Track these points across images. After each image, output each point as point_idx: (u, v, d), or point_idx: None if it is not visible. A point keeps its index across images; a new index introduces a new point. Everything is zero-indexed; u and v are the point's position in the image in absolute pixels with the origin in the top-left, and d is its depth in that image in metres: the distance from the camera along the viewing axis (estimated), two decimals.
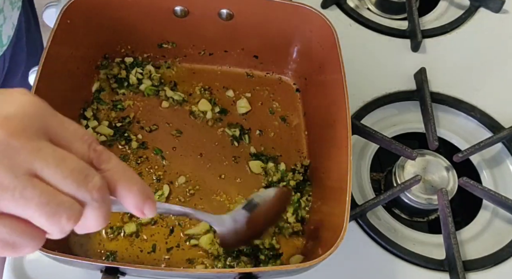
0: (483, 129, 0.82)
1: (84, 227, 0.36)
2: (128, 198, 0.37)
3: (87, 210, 0.35)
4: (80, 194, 0.34)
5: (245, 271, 0.54)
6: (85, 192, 0.34)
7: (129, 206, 0.38)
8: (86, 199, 0.34)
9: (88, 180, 0.34)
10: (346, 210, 0.57)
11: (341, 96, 0.64)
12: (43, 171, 0.33)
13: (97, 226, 0.36)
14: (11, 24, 0.76)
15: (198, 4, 0.73)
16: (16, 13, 0.77)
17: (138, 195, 0.38)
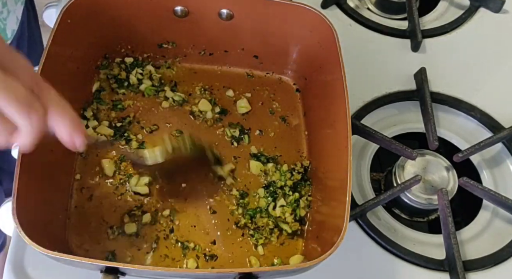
0: (483, 129, 0.82)
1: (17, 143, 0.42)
2: (61, 125, 0.44)
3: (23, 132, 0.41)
4: (21, 118, 0.40)
5: (245, 271, 0.54)
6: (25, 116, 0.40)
7: (61, 132, 0.44)
8: (25, 122, 0.40)
9: (30, 107, 0.40)
10: (346, 210, 0.57)
11: (341, 96, 0.64)
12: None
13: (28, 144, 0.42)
14: (15, 18, 0.76)
15: (198, 4, 0.73)
16: (20, 8, 0.77)
17: (69, 123, 0.44)
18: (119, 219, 0.67)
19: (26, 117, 0.40)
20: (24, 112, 0.40)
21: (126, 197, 0.69)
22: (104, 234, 0.66)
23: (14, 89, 0.39)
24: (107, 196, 0.69)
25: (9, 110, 0.39)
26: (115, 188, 0.69)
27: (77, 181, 0.69)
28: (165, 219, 0.68)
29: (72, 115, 0.44)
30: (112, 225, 0.66)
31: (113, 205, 0.68)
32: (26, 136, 0.41)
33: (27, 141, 0.42)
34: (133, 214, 0.67)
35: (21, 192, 0.54)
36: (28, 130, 0.41)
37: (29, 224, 0.53)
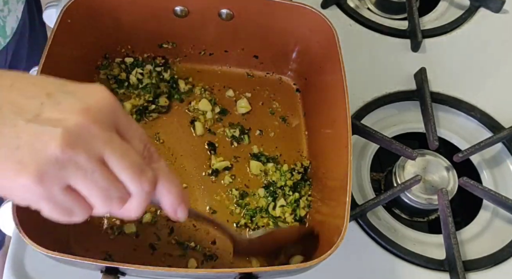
0: (483, 129, 0.82)
1: (124, 212, 0.42)
2: (167, 197, 0.43)
3: (133, 199, 0.41)
4: (134, 184, 0.40)
5: (245, 271, 0.54)
6: (138, 183, 0.40)
7: (166, 204, 0.44)
8: (137, 189, 0.40)
9: (143, 174, 0.40)
10: (347, 210, 0.57)
11: (341, 96, 0.64)
12: (109, 158, 0.38)
13: (135, 214, 0.42)
14: (15, 17, 0.76)
15: (198, 4, 0.73)
16: (20, 6, 0.78)
17: (176, 197, 0.44)
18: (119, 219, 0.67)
19: (139, 183, 0.40)
20: (137, 178, 0.40)
21: None
22: (104, 234, 0.66)
23: (130, 155, 0.39)
24: None
25: (125, 176, 0.39)
26: None
27: None
28: (165, 219, 0.68)
29: (179, 187, 0.44)
30: (112, 225, 0.66)
31: None
32: (136, 202, 0.41)
33: (137, 208, 0.41)
34: None
35: None
36: (139, 196, 0.41)
37: (29, 224, 0.53)
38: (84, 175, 0.37)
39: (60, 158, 0.36)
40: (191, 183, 0.71)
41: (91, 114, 0.38)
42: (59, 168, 0.36)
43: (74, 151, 0.36)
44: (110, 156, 0.38)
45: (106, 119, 0.39)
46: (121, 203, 0.40)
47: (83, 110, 0.38)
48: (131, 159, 0.39)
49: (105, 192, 0.39)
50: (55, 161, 0.36)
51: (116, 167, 0.39)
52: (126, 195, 0.40)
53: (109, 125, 0.39)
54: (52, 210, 0.39)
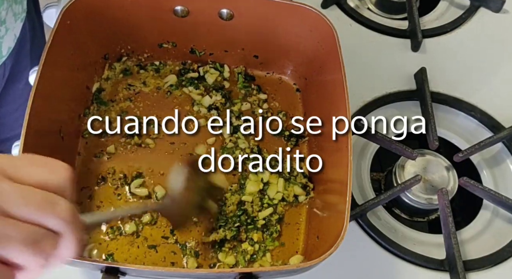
0: (483, 129, 0.82)
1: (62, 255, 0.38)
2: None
3: (64, 235, 0.36)
4: (52, 222, 0.35)
5: (246, 271, 0.54)
6: (55, 219, 0.35)
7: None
8: (58, 224, 0.36)
9: (55, 207, 0.36)
10: (347, 210, 0.56)
11: (341, 96, 0.64)
12: (11, 210, 0.34)
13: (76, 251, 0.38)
14: (12, 36, 0.75)
15: (198, 4, 0.73)
16: (19, 25, 0.76)
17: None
18: (119, 219, 0.67)
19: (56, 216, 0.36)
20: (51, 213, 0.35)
21: (126, 197, 0.69)
22: (104, 234, 0.66)
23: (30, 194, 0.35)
24: (107, 196, 0.69)
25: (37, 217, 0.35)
26: (115, 188, 0.69)
27: (77, 181, 0.69)
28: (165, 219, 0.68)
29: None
30: (112, 225, 0.66)
31: (113, 205, 0.68)
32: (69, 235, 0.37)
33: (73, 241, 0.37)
34: (133, 214, 0.67)
35: None
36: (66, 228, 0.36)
37: None
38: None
39: None
40: None
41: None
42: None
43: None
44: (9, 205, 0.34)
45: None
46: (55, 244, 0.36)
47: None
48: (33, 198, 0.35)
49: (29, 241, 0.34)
50: None
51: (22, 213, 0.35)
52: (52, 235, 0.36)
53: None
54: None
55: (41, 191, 0.36)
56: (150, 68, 0.80)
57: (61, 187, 0.37)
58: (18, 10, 0.75)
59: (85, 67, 0.74)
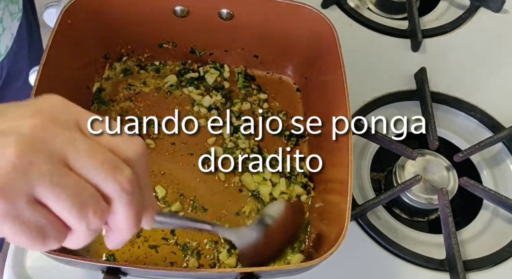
0: (483, 129, 0.82)
1: (115, 226, 0.36)
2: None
3: (115, 204, 0.35)
4: (109, 185, 0.34)
5: (246, 271, 0.54)
6: (113, 183, 0.34)
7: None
8: (114, 190, 0.34)
9: (117, 172, 0.34)
10: (347, 210, 0.57)
11: (342, 95, 0.64)
12: (75, 161, 0.33)
13: (128, 226, 0.36)
14: (9, 35, 0.75)
15: (198, 4, 0.73)
16: (15, 24, 0.77)
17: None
18: None
19: (116, 182, 0.34)
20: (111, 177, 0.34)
21: None
22: None
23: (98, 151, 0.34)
24: None
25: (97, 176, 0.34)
26: None
27: None
28: None
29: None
30: None
31: None
32: (120, 206, 0.35)
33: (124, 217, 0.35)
34: None
35: None
36: (120, 198, 0.34)
37: None
38: (50, 181, 0.32)
39: (19, 165, 0.31)
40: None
41: (46, 114, 0.34)
42: (20, 176, 0.31)
43: (33, 155, 0.32)
44: (75, 157, 0.33)
45: (63, 117, 0.34)
46: (98, 212, 0.34)
47: (35, 112, 0.33)
48: (100, 156, 0.34)
49: (76, 199, 0.33)
50: (14, 169, 0.31)
51: (82, 168, 0.33)
52: (102, 202, 0.34)
53: (68, 124, 0.34)
54: (21, 232, 0.32)
55: (110, 153, 0.35)
56: (150, 68, 0.80)
57: (131, 160, 0.36)
58: (14, 9, 0.76)
59: (86, 67, 0.74)
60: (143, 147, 0.37)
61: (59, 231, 0.34)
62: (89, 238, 0.36)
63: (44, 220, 0.33)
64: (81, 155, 0.33)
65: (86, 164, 0.33)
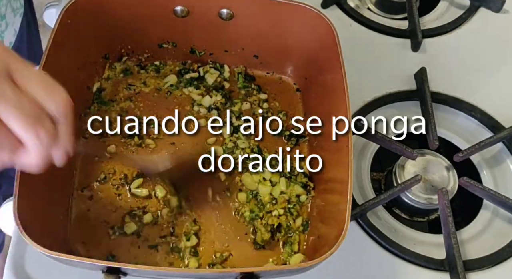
0: (483, 129, 0.83)
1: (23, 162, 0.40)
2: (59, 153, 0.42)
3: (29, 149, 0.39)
4: (27, 135, 0.38)
5: (247, 270, 0.54)
6: (32, 134, 0.38)
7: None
8: (32, 141, 0.38)
9: (38, 124, 0.38)
10: (347, 210, 0.57)
11: (342, 95, 0.64)
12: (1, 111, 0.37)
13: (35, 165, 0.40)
14: (13, 31, 0.76)
15: (198, 4, 0.73)
16: (18, 20, 0.77)
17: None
18: (120, 219, 0.67)
19: (33, 135, 0.38)
20: (31, 129, 0.37)
21: (127, 197, 0.69)
22: (105, 234, 0.66)
23: (22, 103, 0.37)
24: (108, 196, 0.69)
25: (17, 126, 0.37)
26: (116, 188, 0.69)
27: (78, 181, 0.69)
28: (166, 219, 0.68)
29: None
30: (113, 225, 0.66)
31: (114, 205, 0.68)
32: (34, 154, 0.39)
33: (34, 161, 0.40)
34: (134, 214, 0.67)
35: (22, 192, 0.54)
36: (35, 147, 0.39)
37: (30, 224, 0.53)
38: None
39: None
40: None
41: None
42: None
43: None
44: (3, 105, 0.36)
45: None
46: (12, 153, 0.38)
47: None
48: (24, 107, 0.37)
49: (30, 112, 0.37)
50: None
51: (6, 116, 0.37)
52: (17, 145, 0.38)
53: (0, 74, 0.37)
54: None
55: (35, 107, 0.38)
56: (150, 68, 0.80)
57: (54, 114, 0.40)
58: (16, 5, 0.76)
59: (86, 67, 0.74)
60: (66, 102, 0.41)
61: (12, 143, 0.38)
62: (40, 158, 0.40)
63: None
64: (7, 104, 0.36)
65: (10, 113, 0.37)
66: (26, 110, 0.37)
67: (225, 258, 0.66)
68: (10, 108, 0.37)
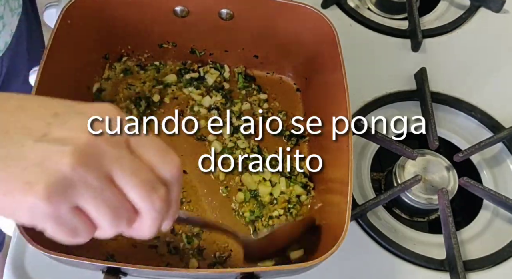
0: (484, 129, 0.82)
1: (136, 233, 0.40)
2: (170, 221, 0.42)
3: (144, 218, 0.39)
4: (144, 202, 0.38)
5: (247, 271, 0.54)
6: (148, 202, 0.38)
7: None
8: (147, 208, 0.38)
9: (153, 192, 0.38)
10: (347, 210, 0.57)
11: (342, 96, 0.64)
12: (118, 176, 0.37)
13: (148, 234, 0.40)
14: (9, 31, 0.75)
15: (198, 4, 0.73)
16: (15, 20, 0.77)
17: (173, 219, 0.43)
18: None
19: (149, 202, 0.38)
20: (147, 197, 0.38)
21: None
22: None
23: (140, 171, 0.38)
24: None
25: (134, 194, 0.37)
26: None
27: None
28: None
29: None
30: None
31: None
32: (148, 221, 0.39)
33: (150, 227, 0.40)
34: None
35: None
36: (150, 215, 0.39)
37: None
38: (94, 195, 0.36)
39: (70, 177, 0.35)
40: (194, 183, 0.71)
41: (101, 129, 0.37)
42: (68, 187, 0.35)
43: (85, 170, 0.35)
44: (119, 173, 0.37)
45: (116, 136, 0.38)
46: (129, 223, 0.39)
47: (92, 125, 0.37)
48: (141, 175, 0.38)
49: (114, 212, 0.37)
50: (64, 179, 0.35)
51: (125, 185, 0.37)
52: (134, 214, 0.39)
53: (119, 142, 0.38)
54: (58, 231, 0.37)
55: (150, 172, 0.39)
56: (150, 68, 0.80)
57: (168, 181, 0.40)
58: (14, 5, 0.76)
59: (86, 67, 0.74)
60: (179, 169, 0.41)
61: (88, 232, 0.39)
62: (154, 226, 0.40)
63: (79, 224, 0.38)
64: (125, 173, 0.37)
65: (128, 182, 0.37)
66: (143, 176, 0.38)
67: (225, 258, 0.66)
68: (130, 176, 0.37)
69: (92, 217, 0.37)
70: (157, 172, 0.39)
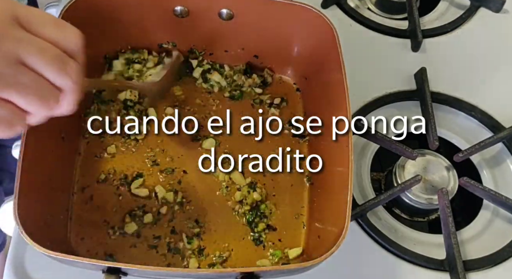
0: (484, 129, 0.83)
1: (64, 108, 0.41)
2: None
3: (67, 92, 0.40)
4: (61, 78, 0.39)
5: (247, 270, 0.54)
6: (65, 76, 0.39)
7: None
8: (66, 82, 0.39)
9: (66, 66, 0.39)
10: (348, 209, 0.57)
11: (342, 95, 0.64)
12: (27, 59, 0.37)
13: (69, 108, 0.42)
14: None
15: (198, 4, 0.73)
16: None
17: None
18: (120, 219, 0.67)
19: (66, 76, 0.39)
20: (63, 72, 0.38)
21: (127, 197, 0.69)
22: (105, 234, 0.66)
23: (46, 48, 0.37)
24: (108, 196, 0.69)
25: (50, 72, 0.38)
26: (116, 188, 0.69)
27: (78, 181, 0.69)
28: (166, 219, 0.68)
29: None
30: (113, 225, 0.66)
31: (114, 205, 0.68)
32: (69, 96, 0.40)
33: (70, 101, 0.41)
34: (134, 214, 0.67)
35: (22, 192, 0.54)
36: (71, 89, 0.40)
37: (30, 224, 0.53)
38: (10, 83, 0.36)
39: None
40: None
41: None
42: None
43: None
44: (27, 55, 0.37)
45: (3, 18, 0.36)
46: (56, 100, 0.39)
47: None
48: (49, 53, 0.38)
49: (38, 94, 0.37)
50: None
51: (36, 65, 0.37)
52: (57, 91, 0.39)
53: (10, 23, 0.37)
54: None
55: (56, 48, 0.39)
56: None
57: (72, 51, 0.40)
58: None
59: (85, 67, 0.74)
60: (80, 36, 0.42)
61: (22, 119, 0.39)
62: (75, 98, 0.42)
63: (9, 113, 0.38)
64: (33, 53, 0.36)
65: (38, 61, 0.37)
66: (51, 53, 0.38)
67: (225, 258, 0.66)
68: (35, 54, 0.37)
69: (20, 105, 0.37)
70: (62, 46, 0.39)
